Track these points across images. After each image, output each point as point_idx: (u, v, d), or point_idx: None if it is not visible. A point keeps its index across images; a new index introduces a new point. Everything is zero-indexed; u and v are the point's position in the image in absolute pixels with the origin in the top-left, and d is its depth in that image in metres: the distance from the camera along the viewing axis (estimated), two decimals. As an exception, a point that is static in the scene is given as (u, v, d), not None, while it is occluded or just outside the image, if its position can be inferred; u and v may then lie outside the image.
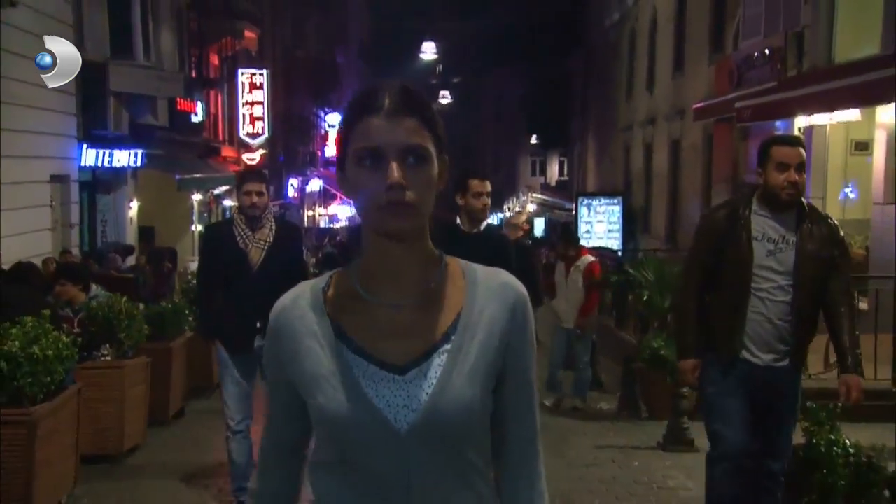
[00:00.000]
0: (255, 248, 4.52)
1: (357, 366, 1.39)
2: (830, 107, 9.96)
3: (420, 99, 1.40)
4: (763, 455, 3.71)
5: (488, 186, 4.57)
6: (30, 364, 4.39)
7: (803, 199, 3.76)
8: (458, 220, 4.56)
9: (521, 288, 1.48)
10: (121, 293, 6.40)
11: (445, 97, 44.47)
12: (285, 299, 1.47)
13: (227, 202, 22.96)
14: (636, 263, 9.04)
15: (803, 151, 3.72)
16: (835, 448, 3.82)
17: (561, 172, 45.83)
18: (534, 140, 47.44)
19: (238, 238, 4.53)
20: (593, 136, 31.50)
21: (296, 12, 30.95)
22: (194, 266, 17.29)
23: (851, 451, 3.79)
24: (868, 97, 9.29)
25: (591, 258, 8.21)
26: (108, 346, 6.02)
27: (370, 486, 1.38)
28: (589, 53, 31.74)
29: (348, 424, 1.36)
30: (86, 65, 14.59)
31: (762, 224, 3.66)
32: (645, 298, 7.35)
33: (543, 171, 48.60)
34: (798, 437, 4.01)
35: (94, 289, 6.34)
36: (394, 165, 1.34)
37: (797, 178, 3.61)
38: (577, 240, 8.84)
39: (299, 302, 1.45)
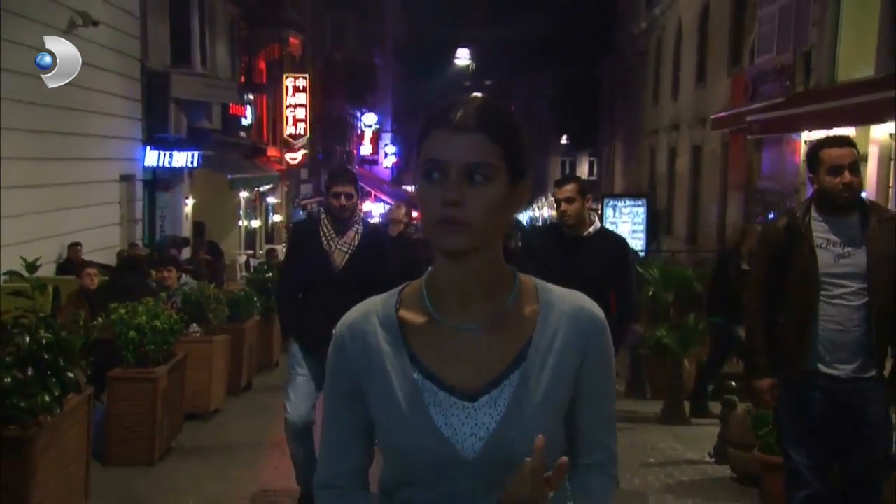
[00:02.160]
0: (339, 251, 4.41)
1: (427, 390, 1.37)
2: (830, 125, 10.93)
3: (496, 115, 1.36)
4: (858, 474, 3.55)
5: (566, 192, 4.48)
6: (153, 335, 5.62)
7: (864, 198, 3.63)
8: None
9: (598, 311, 1.43)
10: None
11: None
12: (355, 312, 1.45)
13: (271, 199, 24.28)
14: (644, 262, 10.10)
15: (855, 150, 3.58)
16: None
17: (591, 172, 46.78)
18: (564, 140, 48.49)
19: (323, 239, 4.42)
20: (621, 138, 32.45)
21: (335, 16, 32.22)
22: (243, 260, 18.65)
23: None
24: (862, 117, 10.26)
25: None
26: (195, 324, 7.26)
27: None
28: (618, 59, 32.68)
29: (415, 451, 1.35)
30: (149, 73, 16.03)
31: (824, 230, 3.50)
32: (650, 294, 8.40)
33: (573, 172, 49.62)
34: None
35: (184, 277, 7.58)
36: (454, 182, 1.31)
37: (852, 178, 3.45)
38: None
39: (371, 318, 1.42)
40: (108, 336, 5.48)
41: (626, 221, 24.13)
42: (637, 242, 22.52)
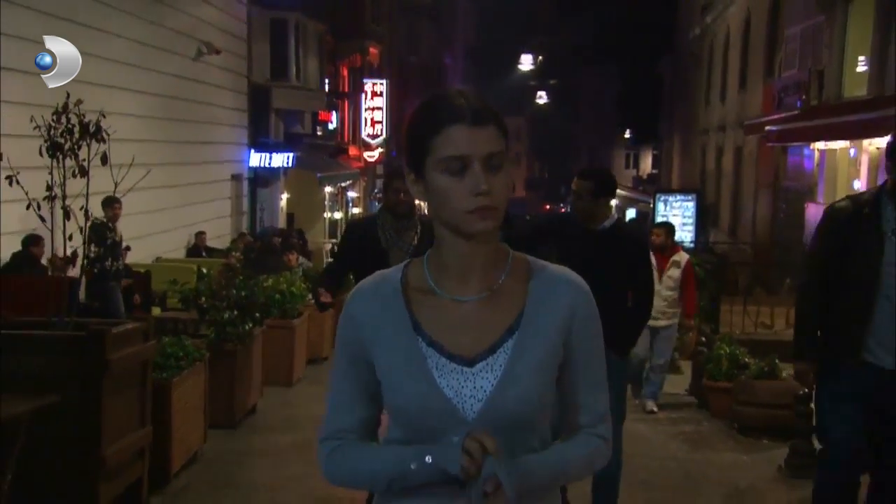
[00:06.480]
0: (399, 250, 4.22)
1: (430, 356, 1.49)
2: (829, 138, 12.92)
3: (493, 107, 1.47)
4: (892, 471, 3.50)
5: (581, 185, 4.27)
6: (291, 296, 8.11)
7: None
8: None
9: (583, 284, 1.55)
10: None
11: (542, 97, 47.77)
12: (365, 283, 1.57)
13: (351, 193, 26.91)
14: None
15: None
16: (724, 349, 7.18)
17: (654, 165, 48.33)
18: (627, 134, 50.20)
19: (381, 237, 4.26)
20: (679, 135, 34.17)
21: (410, 22, 34.69)
22: (328, 247, 21.28)
23: (730, 350, 7.13)
24: (856, 133, 12.18)
25: (686, 255, 7.91)
26: (310, 294, 9.73)
27: None
28: (677, 59, 34.37)
29: (421, 412, 1.47)
30: (254, 87, 18.79)
31: (893, 219, 3.37)
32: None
33: (636, 165, 51.21)
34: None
35: (300, 258, 10.10)
36: (480, 173, 1.42)
37: None
38: (674, 231, 8.10)
39: (379, 290, 1.54)
40: (262, 298, 7.97)
41: (677, 215, 26.07)
42: (687, 235, 24.51)
